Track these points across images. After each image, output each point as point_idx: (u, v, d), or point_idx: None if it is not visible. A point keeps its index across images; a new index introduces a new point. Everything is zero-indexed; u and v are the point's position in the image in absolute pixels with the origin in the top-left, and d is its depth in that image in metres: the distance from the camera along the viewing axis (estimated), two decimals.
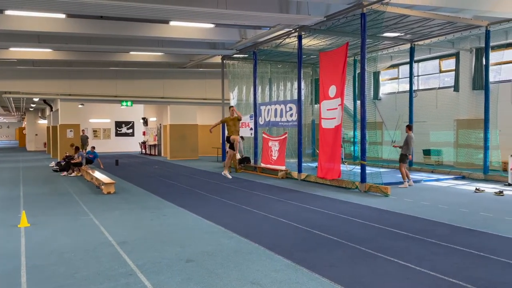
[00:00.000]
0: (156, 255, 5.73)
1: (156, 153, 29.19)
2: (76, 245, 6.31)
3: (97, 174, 13.74)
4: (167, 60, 21.45)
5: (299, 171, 14.28)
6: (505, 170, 12.96)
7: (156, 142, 29.39)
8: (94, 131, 33.59)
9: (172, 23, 14.11)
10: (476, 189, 11.27)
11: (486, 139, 13.60)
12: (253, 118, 17.67)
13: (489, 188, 11.44)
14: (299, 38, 14.09)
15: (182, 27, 14.97)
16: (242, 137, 17.72)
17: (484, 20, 13.53)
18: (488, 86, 13.84)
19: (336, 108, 12.56)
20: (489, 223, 7.46)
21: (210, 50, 18.52)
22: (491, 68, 14.25)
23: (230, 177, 11.93)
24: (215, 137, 25.92)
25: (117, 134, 34.93)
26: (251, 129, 18.02)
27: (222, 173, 11.96)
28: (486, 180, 13.19)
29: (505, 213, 8.32)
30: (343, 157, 17.25)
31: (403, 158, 12.42)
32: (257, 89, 17.84)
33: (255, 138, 17.53)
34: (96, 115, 33.68)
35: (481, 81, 15.71)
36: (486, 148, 13.61)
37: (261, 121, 17.51)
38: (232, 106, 11.63)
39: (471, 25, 13.75)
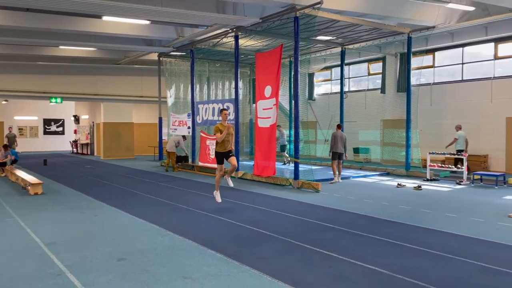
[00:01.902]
0: (87, 255, 5.64)
1: (89, 153, 28.06)
2: None
3: (23, 175, 13.01)
4: (101, 56, 20.75)
5: (237, 169, 14.49)
6: (424, 166, 14.08)
7: (89, 141, 28.24)
8: (19, 129, 31.52)
9: (105, 18, 13.70)
10: (398, 184, 12.19)
11: (408, 138, 14.71)
12: (191, 116, 17.64)
13: (410, 183, 12.40)
14: (236, 38, 14.31)
15: (116, 23, 14.60)
16: (184, 137, 17.60)
17: (406, 27, 14.62)
18: (410, 89, 14.97)
19: (272, 108, 12.93)
20: (407, 215, 8.14)
21: (146, 47, 18.21)
22: (412, 72, 15.43)
23: (220, 200, 9.21)
24: (152, 136, 25.52)
25: (45, 133, 33.03)
26: (188, 127, 17.97)
27: (213, 193, 9.41)
28: (408, 176, 14.26)
29: (422, 205, 9.11)
30: (288, 154, 17.79)
31: (332, 155, 13.13)
32: (195, 88, 17.82)
33: (193, 136, 17.51)
34: (22, 112, 31.61)
35: (404, 84, 16.91)
36: (408, 146, 14.73)
37: (199, 119, 17.52)
38: (225, 109, 9.32)
39: (395, 32, 14.78)
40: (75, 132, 31.56)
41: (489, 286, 4.49)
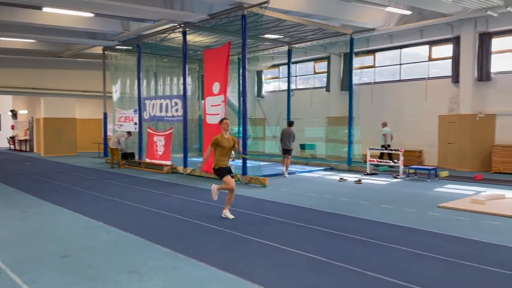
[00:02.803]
0: (28, 253, 5.51)
1: (28, 149, 26.67)
2: None
3: None
4: (41, 48, 19.81)
5: (185, 165, 14.49)
6: (365, 161, 14.83)
7: (28, 137, 26.84)
8: None
9: (45, 9, 13.13)
10: (340, 178, 12.78)
11: (350, 135, 15.42)
12: (138, 112, 17.33)
13: (351, 178, 13.04)
14: (184, 34, 14.26)
15: (57, 15, 14.04)
16: (129, 133, 17.21)
17: (349, 28, 15.29)
18: (352, 87, 15.66)
19: (220, 105, 13.04)
20: (347, 207, 8.62)
21: (90, 40, 17.64)
22: (355, 71, 16.16)
23: (232, 217, 7.52)
24: (96, 132, 24.71)
25: None
26: (135, 123, 17.65)
27: (223, 214, 7.64)
28: (350, 171, 14.96)
29: (361, 198, 9.66)
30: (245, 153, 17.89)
31: (282, 151, 13.59)
32: (142, 83, 17.52)
33: (140, 133, 17.23)
34: None
35: (347, 83, 17.63)
36: (350, 142, 15.44)
37: (146, 115, 17.26)
38: (226, 119, 7.80)
39: (339, 33, 15.40)
40: (13, 127, 29.84)
41: (420, 271, 4.93)
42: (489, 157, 14.35)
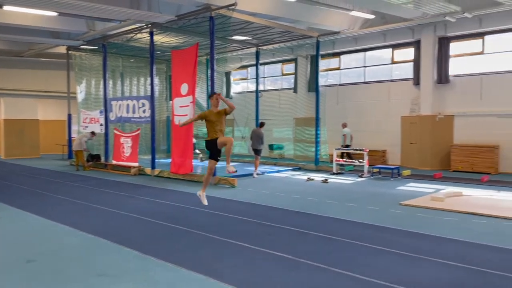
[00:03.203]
0: None
1: None
2: None
3: None
4: (0, 47, 19.09)
5: (153, 167, 14.37)
6: (331, 161, 15.18)
7: None
8: None
9: (6, 7, 12.71)
10: (308, 178, 13.06)
11: (317, 135, 15.75)
12: (103, 113, 17.02)
13: (318, 177, 13.33)
14: (151, 34, 14.14)
15: (19, 13, 13.61)
16: (93, 133, 16.85)
17: (315, 31, 15.60)
18: (318, 89, 16.01)
19: (188, 105, 13.03)
20: (314, 206, 8.84)
21: (53, 40, 17.19)
22: (321, 73, 16.52)
23: (206, 203, 7.74)
24: (60, 133, 24.03)
25: None
26: (101, 125, 17.32)
27: (197, 193, 7.82)
28: (317, 171, 15.28)
29: (327, 197, 9.92)
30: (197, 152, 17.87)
31: (254, 151, 13.81)
32: (108, 83, 17.21)
33: (106, 134, 16.92)
34: None
35: (314, 85, 17.99)
36: (317, 142, 15.77)
37: (112, 116, 16.96)
38: (216, 93, 7.75)
39: (305, 35, 15.69)
40: None
41: (382, 265, 5.17)
42: (448, 156, 15.01)
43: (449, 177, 13.23)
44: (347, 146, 15.24)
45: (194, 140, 18.43)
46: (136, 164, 15.14)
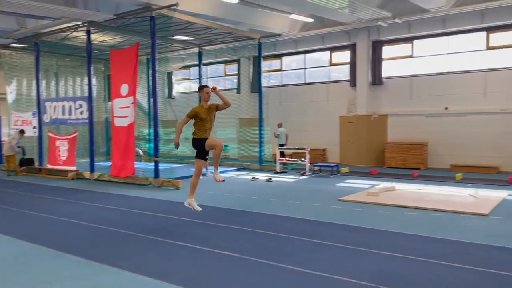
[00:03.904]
0: None
1: None
2: None
3: None
4: None
5: (92, 170, 13.87)
6: (275, 161, 15.52)
7: None
8: None
9: None
10: (252, 178, 13.28)
11: (260, 135, 16.03)
12: (37, 115, 16.13)
13: (262, 177, 13.59)
14: (88, 33, 13.64)
15: None
16: (22, 131, 15.65)
17: (257, 33, 15.87)
18: (261, 90, 16.30)
19: (129, 107, 12.73)
20: (259, 205, 9.04)
21: None
22: (263, 74, 16.82)
23: (200, 209, 7.03)
24: None
25: None
26: (34, 127, 16.39)
27: (185, 203, 7.09)
28: (261, 170, 15.55)
29: (271, 195, 10.17)
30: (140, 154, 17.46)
31: None
32: (41, 84, 16.32)
33: (40, 137, 16.04)
34: None
35: (257, 85, 18.27)
36: (260, 142, 16.05)
37: (46, 118, 16.10)
38: (207, 86, 6.90)
39: (247, 37, 15.90)
40: None
41: (324, 258, 5.44)
42: (382, 153, 15.92)
43: (383, 173, 14.04)
44: (282, 145, 15.70)
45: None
46: (73, 168, 14.53)
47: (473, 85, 14.36)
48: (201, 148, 6.76)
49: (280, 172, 14.61)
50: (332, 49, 17.62)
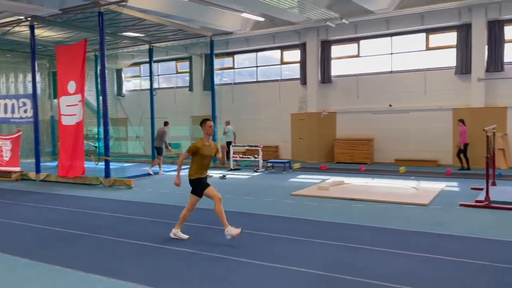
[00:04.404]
0: None
1: None
2: None
3: None
4: None
5: (37, 171, 13.29)
6: (229, 158, 15.61)
7: None
8: None
9: None
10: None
11: (214, 133, 16.02)
12: None
13: (216, 174, 13.65)
14: (31, 28, 13.03)
15: None
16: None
17: (209, 31, 15.86)
18: (213, 87, 16.33)
19: (77, 104, 12.33)
20: (212, 202, 9.09)
21: None
22: (215, 72, 16.86)
23: (186, 237, 6.23)
24: None
25: None
26: None
27: (171, 234, 6.27)
28: (215, 167, 15.55)
29: (225, 192, 10.21)
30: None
31: (156, 150, 13.87)
32: None
33: None
34: None
35: (209, 83, 18.27)
36: (214, 140, 16.04)
37: None
38: (210, 120, 6.37)
39: (199, 34, 15.84)
40: None
41: (276, 250, 5.63)
42: (332, 149, 16.49)
43: (333, 168, 14.56)
44: (229, 142, 15.88)
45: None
46: (17, 169, 13.85)
47: (414, 83, 15.23)
48: (199, 189, 6.27)
49: (234, 169, 14.74)
50: (283, 48, 17.97)
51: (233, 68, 19.43)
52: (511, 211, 7.55)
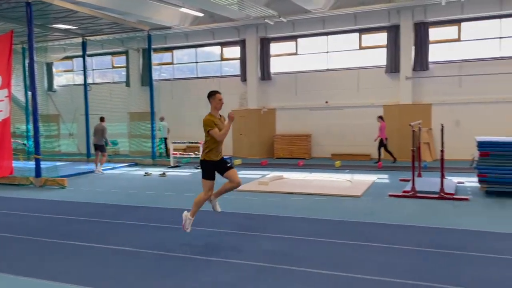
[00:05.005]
0: None
1: None
2: None
3: None
4: None
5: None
6: (169, 155, 15.41)
7: None
8: None
9: None
10: (145, 173, 13.04)
11: (152, 130, 15.75)
12: None
13: (156, 171, 13.41)
14: None
15: None
16: None
17: (146, 25, 15.49)
18: (152, 83, 15.98)
19: (3, 100, 11.50)
20: (152, 199, 8.99)
21: None
22: (154, 67, 16.51)
23: (190, 230, 5.76)
24: None
25: None
26: None
27: (184, 215, 5.80)
28: (154, 165, 15.30)
29: (166, 190, 10.16)
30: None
31: (98, 147, 13.33)
32: None
33: None
34: None
35: (147, 79, 17.84)
36: (153, 137, 15.78)
37: None
38: (219, 93, 5.81)
39: (136, 28, 15.43)
40: None
41: (215, 244, 5.70)
42: (272, 145, 16.83)
43: (273, 163, 14.89)
44: (164, 139, 15.73)
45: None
46: None
47: (348, 81, 15.94)
48: (214, 171, 5.68)
49: (175, 167, 14.57)
50: (223, 44, 17.99)
51: (172, 63, 19.13)
52: (434, 200, 8.22)
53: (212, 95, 5.71)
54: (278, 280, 4.41)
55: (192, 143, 15.15)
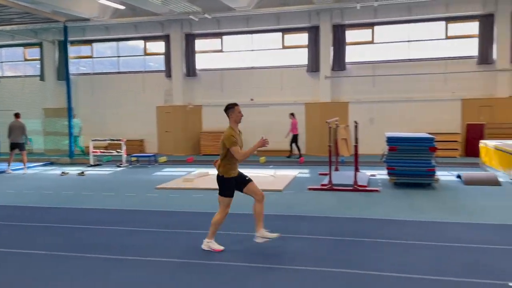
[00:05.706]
0: None
1: None
2: None
3: None
4: None
5: None
6: (88, 153, 14.70)
7: None
8: None
9: None
10: (62, 172, 12.34)
11: (70, 127, 14.93)
12: None
13: (74, 171, 12.75)
14: None
15: None
16: None
17: (62, 16, 14.61)
18: (69, 77, 15.12)
19: None
20: (69, 200, 8.56)
21: None
22: (72, 61, 15.63)
23: (222, 248, 5.25)
24: None
25: None
26: None
27: (203, 246, 5.23)
28: (72, 164, 14.52)
29: (84, 189, 9.71)
30: None
31: (10, 146, 12.60)
32: None
33: None
34: None
35: (64, 72, 16.84)
36: (70, 134, 14.95)
37: None
38: (237, 105, 5.29)
39: (51, 19, 14.51)
40: None
41: (136, 243, 5.60)
42: (198, 142, 16.76)
43: (199, 160, 14.85)
44: (76, 137, 15.15)
45: None
46: None
47: (272, 79, 16.36)
48: (233, 189, 5.37)
49: (95, 165, 13.95)
50: (147, 39, 17.52)
51: (91, 57, 18.24)
52: (349, 192, 8.78)
53: (230, 108, 5.22)
54: (199, 274, 4.47)
55: (114, 140, 14.61)
